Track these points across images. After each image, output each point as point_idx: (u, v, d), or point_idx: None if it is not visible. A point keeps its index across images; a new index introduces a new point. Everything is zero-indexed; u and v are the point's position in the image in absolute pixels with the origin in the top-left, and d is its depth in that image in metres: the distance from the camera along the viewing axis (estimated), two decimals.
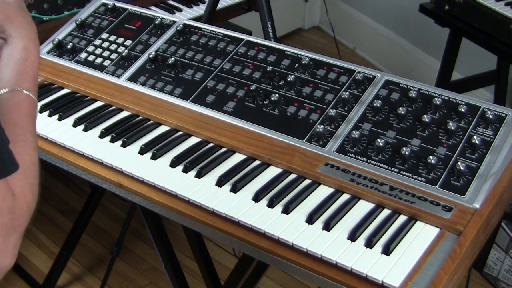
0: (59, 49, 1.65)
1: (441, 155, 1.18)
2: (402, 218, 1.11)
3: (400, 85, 1.32)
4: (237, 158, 1.28)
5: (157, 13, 1.69)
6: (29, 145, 0.88)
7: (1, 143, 0.80)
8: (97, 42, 1.65)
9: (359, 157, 1.21)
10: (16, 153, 0.81)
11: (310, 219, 1.10)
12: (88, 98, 1.51)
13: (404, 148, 1.18)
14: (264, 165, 1.25)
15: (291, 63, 1.42)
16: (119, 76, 1.53)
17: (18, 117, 0.88)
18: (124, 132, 1.36)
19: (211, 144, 1.33)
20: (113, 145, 1.34)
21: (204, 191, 1.19)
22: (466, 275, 1.91)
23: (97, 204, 2.30)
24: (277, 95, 1.35)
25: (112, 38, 1.65)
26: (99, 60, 1.59)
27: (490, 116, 1.20)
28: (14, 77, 0.92)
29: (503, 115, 1.22)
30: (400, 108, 1.25)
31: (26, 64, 0.94)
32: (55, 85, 1.57)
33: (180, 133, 1.37)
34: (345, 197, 1.16)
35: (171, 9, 2.27)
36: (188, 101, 1.42)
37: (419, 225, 1.09)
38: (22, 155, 0.83)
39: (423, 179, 1.15)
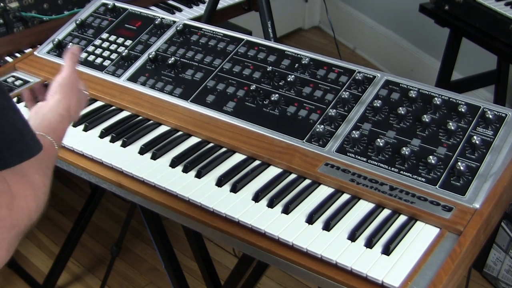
0: (59, 49, 1.65)
1: (441, 155, 1.18)
2: (402, 218, 1.11)
3: (400, 85, 1.32)
4: (237, 158, 1.28)
5: (157, 13, 1.69)
6: (45, 172, 0.89)
7: (23, 125, 0.82)
8: (97, 42, 1.65)
9: (359, 157, 1.21)
10: (30, 170, 0.83)
11: (310, 219, 1.10)
12: (88, 98, 1.51)
13: (404, 148, 1.18)
14: (264, 165, 1.25)
15: (291, 63, 1.42)
16: (119, 76, 1.53)
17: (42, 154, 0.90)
18: (124, 132, 1.36)
19: (211, 144, 1.33)
20: (113, 145, 1.34)
21: (204, 191, 1.18)
22: (466, 275, 1.91)
23: (97, 204, 2.30)
24: (277, 95, 1.35)
25: (112, 38, 1.65)
26: (99, 60, 1.59)
27: (490, 116, 1.20)
28: (49, 127, 0.99)
29: (503, 115, 1.22)
30: (400, 108, 1.25)
31: (59, 126, 1.02)
32: None
33: (180, 133, 1.37)
34: (345, 197, 1.16)
35: (171, 9, 2.27)
36: (188, 101, 1.42)
37: (419, 225, 1.09)
38: (34, 174, 0.85)
39: (423, 179, 1.15)
